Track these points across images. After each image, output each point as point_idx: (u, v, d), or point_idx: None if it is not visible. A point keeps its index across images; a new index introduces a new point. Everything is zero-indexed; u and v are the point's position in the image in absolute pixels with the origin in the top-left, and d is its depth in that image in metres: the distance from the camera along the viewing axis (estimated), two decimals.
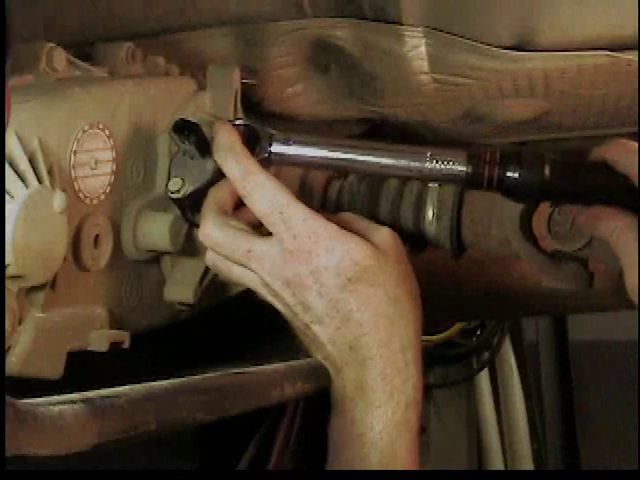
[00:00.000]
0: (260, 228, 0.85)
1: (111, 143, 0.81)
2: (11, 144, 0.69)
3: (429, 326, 0.88)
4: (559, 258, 0.94)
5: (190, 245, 0.89)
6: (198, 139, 0.86)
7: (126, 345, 0.81)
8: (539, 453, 2.39)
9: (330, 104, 1.07)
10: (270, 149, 0.86)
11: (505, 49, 0.91)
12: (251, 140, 0.86)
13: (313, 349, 0.86)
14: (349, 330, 0.83)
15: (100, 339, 0.79)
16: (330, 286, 0.82)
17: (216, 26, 0.95)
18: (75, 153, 0.76)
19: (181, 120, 0.85)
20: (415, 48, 0.93)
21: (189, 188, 0.86)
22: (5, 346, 0.71)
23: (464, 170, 0.85)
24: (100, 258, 0.81)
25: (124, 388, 0.64)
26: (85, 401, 0.59)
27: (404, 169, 0.86)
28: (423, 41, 0.92)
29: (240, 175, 0.84)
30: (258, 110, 1.05)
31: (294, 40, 0.96)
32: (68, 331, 0.77)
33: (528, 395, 2.42)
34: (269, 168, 0.86)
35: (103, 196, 0.81)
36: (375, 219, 0.93)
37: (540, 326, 2.41)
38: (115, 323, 0.83)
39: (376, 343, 0.83)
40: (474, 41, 0.91)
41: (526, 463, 2.38)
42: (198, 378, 0.73)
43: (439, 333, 2.31)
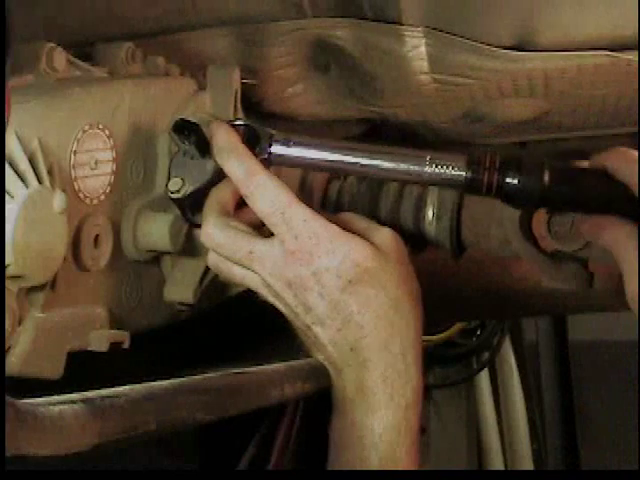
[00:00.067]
0: (261, 229, 0.85)
1: (111, 143, 0.81)
2: (11, 144, 0.69)
3: (429, 326, 0.88)
4: (559, 258, 0.94)
5: (190, 245, 0.89)
6: (198, 139, 0.86)
7: (126, 345, 0.81)
8: (539, 453, 2.39)
9: (330, 104, 1.07)
10: (270, 150, 0.86)
11: (505, 49, 0.91)
12: (251, 140, 0.86)
13: (314, 350, 0.86)
14: (350, 332, 0.83)
15: (100, 339, 0.79)
16: (331, 287, 0.82)
17: (216, 26, 0.95)
18: (75, 153, 0.76)
19: (181, 120, 0.85)
20: (415, 48, 0.93)
21: (189, 188, 0.86)
22: (5, 346, 0.71)
23: (463, 175, 0.85)
24: (100, 258, 0.81)
25: (124, 388, 0.64)
26: (85, 401, 0.59)
27: (403, 173, 0.86)
28: (423, 41, 0.92)
29: (243, 175, 0.84)
30: (258, 110, 1.05)
31: (294, 40, 0.96)
32: (68, 331, 0.77)
33: (528, 395, 2.42)
34: (269, 168, 0.86)
35: (103, 196, 0.81)
36: (375, 219, 0.93)
37: (540, 326, 2.41)
38: (115, 323, 0.83)
39: (377, 345, 0.83)
40: (474, 41, 0.91)
41: (526, 463, 2.38)
42: (198, 378, 0.73)
43: (439, 333, 2.31)
